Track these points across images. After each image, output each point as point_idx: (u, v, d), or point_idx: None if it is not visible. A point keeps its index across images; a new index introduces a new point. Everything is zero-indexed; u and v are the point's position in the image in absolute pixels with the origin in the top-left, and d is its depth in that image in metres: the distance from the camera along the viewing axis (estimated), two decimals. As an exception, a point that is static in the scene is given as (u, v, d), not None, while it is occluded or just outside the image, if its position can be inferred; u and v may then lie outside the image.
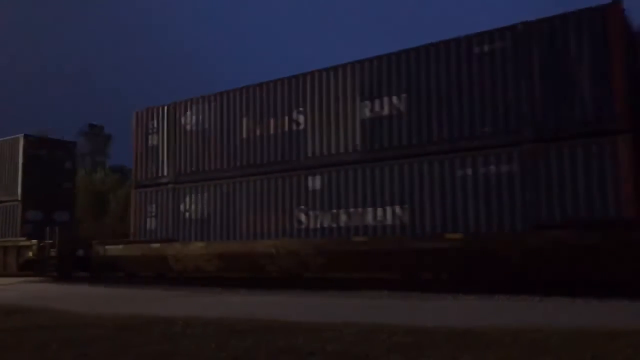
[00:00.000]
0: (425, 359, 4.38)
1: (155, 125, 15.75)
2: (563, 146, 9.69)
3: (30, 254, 18.31)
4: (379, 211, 11.53)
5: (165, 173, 15.27)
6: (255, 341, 5.19)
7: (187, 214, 14.58)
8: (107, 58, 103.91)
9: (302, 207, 12.59)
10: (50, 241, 18.15)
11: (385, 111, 11.73)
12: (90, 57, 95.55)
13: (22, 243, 18.77)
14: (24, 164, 19.72)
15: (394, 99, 11.64)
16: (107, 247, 16.19)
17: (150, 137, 15.84)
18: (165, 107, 15.60)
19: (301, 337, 5.30)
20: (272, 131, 13.33)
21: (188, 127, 14.97)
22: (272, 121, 13.37)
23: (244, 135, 13.79)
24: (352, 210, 11.90)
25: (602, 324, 5.72)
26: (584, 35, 9.73)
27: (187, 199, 14.62)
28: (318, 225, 12.33)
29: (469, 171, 10.56)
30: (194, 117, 14.87)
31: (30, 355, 4.89)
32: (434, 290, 9.90)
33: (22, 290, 12.87)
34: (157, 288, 12.65)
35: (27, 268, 18.52)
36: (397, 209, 11.33)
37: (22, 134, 20.18)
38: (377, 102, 11.88)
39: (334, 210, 12.14)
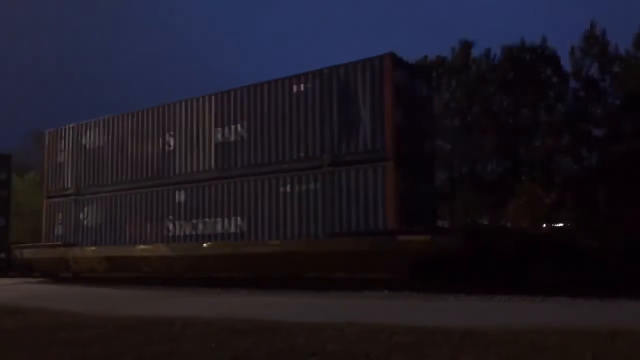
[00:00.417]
0: (426, 359, 4.38)
1: (62, 143, 17.96)
2: (350, 170, 12.06)
3: (-38, 256, 20.53)
4: (226, 221, 13.86)
5: (69, 186, 17.49)
6: (255, 341, 5.17)
7: (85, 222, 16.83)
8: (108, 59, 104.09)
9: (171, 217, 14.89)
10: (-21, 245, 20.42)
11: (232, 137, 14.04)
12: (90, 58, 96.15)
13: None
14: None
15: (239, 127, 13.94)
16: (23, 250, 18.41)
17: (59, 153, 18.05)
18: (70, 128, 17.81)
19: (302, 337, 5.30)
20: (149, 151, 15.59)
21: (87, 146, 17.20)
22: (150, 143, 15.63)
23: (129, 154, 16.05)
24: (206, 220, 14.22)
25: (602, 324, 5.76)
26: (367, 81, 12.07)
27: (85, 209, 16.86)
28: (182, 233, 14.64)
29: (288, 188, 12.91)
30: (91, 138, 17.10)
31: (31, 356, 4.88)
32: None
33: (21, 291, 13.15)
34: (156, 288, 12.97)
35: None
36: (239, 220, 13.65)
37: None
38: (226, 129, 14.17)
39: (194, 220, 14.45)
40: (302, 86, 12.95)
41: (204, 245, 13.81)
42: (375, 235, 11.41)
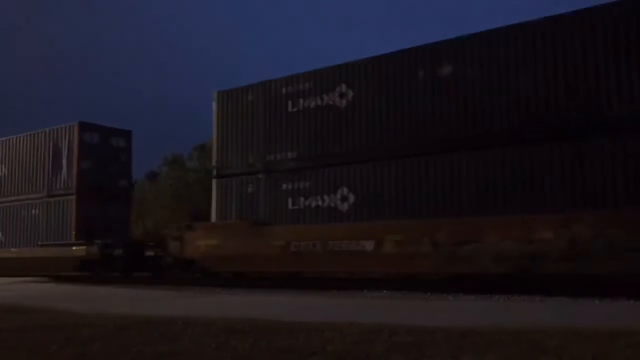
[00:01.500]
0: (426, 359, 4.41)
1: None
2: (57, 201, 17.76)
3: None
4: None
5: None
6: (255, 341, 5.20)
7: None
8: (108, 60, 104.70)
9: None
10: None
11: (1, 174, 19.71)
12: (91, 58, 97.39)
13: None
14: None
15: (3, 167, 19.62)
16: None
17: None
18: None
19: (302, 337, 5.34)
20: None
21: None
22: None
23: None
24: (-11, 233, 19.91)
25: (602, 324, 5.77)
26: (66, 139, 17.74)
27: None
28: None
29: (26, 213, 18.60)
30: None
31: (31, 355, 4.92)
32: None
33: (22, 290, 13.72)
34: (156, 288, 13.37)
35: None
36: (1, 234, 19.34)
37: None
38: (1, 167, 19.85)
39: (-19, 233, 20.13)
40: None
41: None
42: (62, 246, 17.12)
